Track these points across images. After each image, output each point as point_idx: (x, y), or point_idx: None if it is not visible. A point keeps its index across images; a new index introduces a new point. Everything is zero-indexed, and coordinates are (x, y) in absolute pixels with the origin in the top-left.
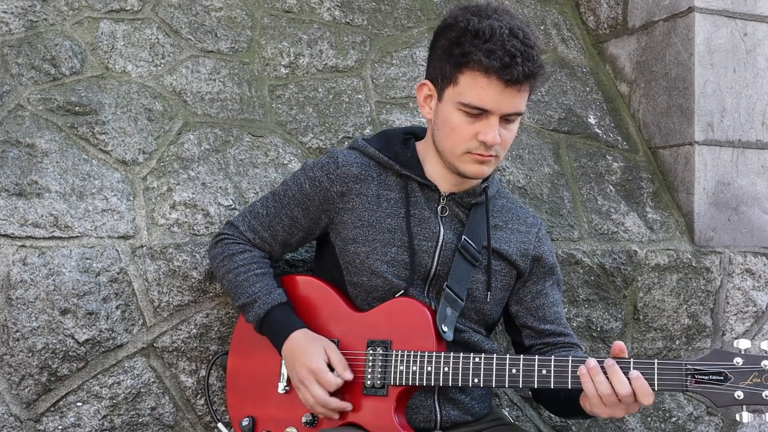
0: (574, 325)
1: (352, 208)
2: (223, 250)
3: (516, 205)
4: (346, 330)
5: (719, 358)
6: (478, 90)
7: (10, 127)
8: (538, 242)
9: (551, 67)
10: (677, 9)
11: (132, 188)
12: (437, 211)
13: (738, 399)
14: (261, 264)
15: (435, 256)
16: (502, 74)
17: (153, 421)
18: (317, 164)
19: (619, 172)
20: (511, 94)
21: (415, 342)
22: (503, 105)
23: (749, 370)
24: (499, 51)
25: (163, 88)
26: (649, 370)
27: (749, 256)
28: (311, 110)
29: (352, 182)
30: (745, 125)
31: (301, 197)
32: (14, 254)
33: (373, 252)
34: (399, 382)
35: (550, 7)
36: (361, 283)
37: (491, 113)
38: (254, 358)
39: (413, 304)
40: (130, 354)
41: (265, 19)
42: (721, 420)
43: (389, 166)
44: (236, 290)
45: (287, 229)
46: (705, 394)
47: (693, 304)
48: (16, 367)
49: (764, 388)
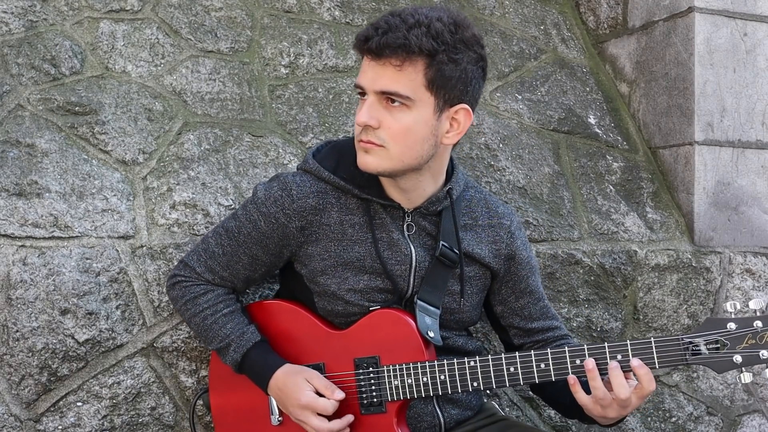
0: (573, 325)
1: (315, 240)
2: (184, 293)
3: (486, 194)
4: (329, 351)
5: (713, 326)
6: (361, 70)
7: (10, 127)
8: (511, 238)
9: (551, 66)
10: (677, 9)
11: (132, 188)
12: (404, 230)
13: (737, 363)
14: (227, 302)
15: (410, 279)
16: (363, 45)
17: (153, 421)
18: (269, 198)
19: (619, 172)
20: (379, 70)
21: (403, 354)
22: (372, 81)
23: (743, 333)
24: (370, 28)
25: (163, 88)
26: (648, 350)
27: (749, 256)
28: (311, 110)
29: (311, 215)
30: (745, 125)
31: (258, 235)
32: (14, 254)
33: (345, 282)
34: (396, 397)
35: (550, 7)
36: (336, 311)
37: (366, 92)
38: (237, 393)
39: (394, 315)
40: (130, 354)
41: (265, 19)
42: (721, 420)
43: (347, 191)
44: (206, 334)
45: (248, 267)
46: (705, 364)
47: (693, 304)
48: (16, 367)
49: (760, 348)
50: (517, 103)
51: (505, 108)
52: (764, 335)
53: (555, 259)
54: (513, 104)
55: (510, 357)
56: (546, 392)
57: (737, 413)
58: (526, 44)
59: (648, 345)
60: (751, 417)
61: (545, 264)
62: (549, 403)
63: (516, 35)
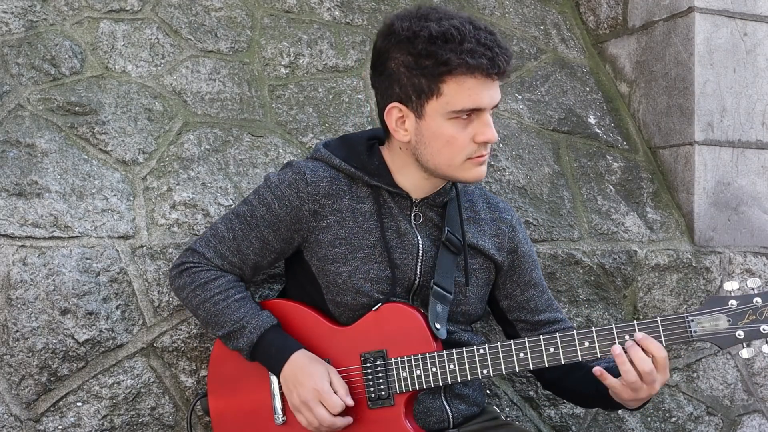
0: (574, 325)
1: (327, 227)
2: (193, 280)
3: (484, 191)
4: (336, 347)
5: (715, 304)
6: (468, 92)
7: (10, 127)
8: (512, 232)
9: (551, 66)
10: (677, 9)
11: (132, 188)
12: (411, 219)
13: (740, 338)
14: (238, 288)
15: (417, 268)
16: (490, 69)
17: (153, 421)
18: (284, 182)
19: (619, 172)
20: (495, 86)
21: (411, 346)
22: (493, 98)
23: (744, 309)
24: (479, 48)
25: (163, 88)
26: (654, 328)
27: (749, 256)
28: (311, 110)
29: (324, 199)
30: (745, 125)
31: (271, 218)
32: (14, 254)
33: (356, 271)
34: (405, 388)
35: (550, 7)
36: (345, 302)
37: (483, 111)
38: (238, 395)
39: (402, 308)
40: (130, 354)
41: (265, 19)
42: (721, 420)
43: (358, 177)
44: (217, 319)
45: (258, 252)
46: (709, 340)
47: (693, 304)
48: (16, 367)
49: (760, 323)
50: (517, 103)
51: (505, 108)
52: (764, 311)
53: (555, 259)
54: (513, 104)
55: (519, 342)
56: (564, 385)
57: (737, 413)
58: (526, 44)
59: (654, 324)
60: (751, 417)
61: (545, 264)
62: (567, 395)
63: (516, 35)
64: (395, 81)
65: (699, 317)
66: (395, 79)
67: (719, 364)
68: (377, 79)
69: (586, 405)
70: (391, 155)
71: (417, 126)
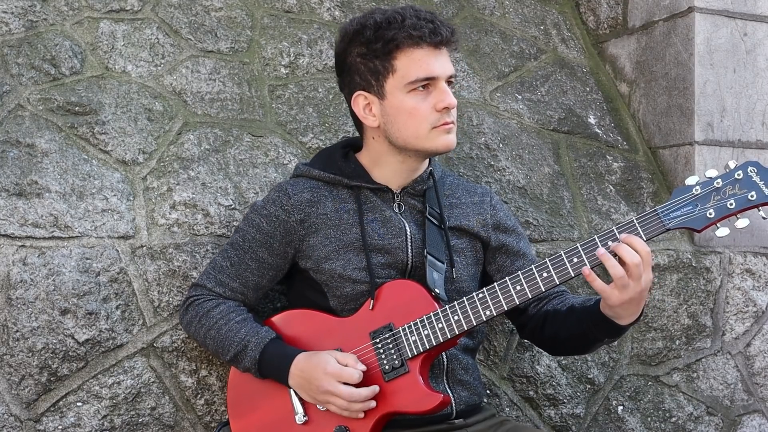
0: None
1: (316, 230)
2: (197, 311)
3: (463, 181)
4: (345, 335)
5: (681, 193)
6: (418, 63)
7: (10, 127)
8: (493, 210)
9: (551, 67)
10: (677, 9)
11: (132, 188)
12: (394, 209)
13: (711, 217)
14: (239, 311)
15: (408, 249)
16: (432, 38)
17: (153, 421)
18: (268, 201)
19: (619, 172)
20: (443, 57)
21: (415, 313)
22: (444, 68)
23: (708, 192)
24: (420, 21)
25: (163, 88)
26: (633, 228)
27: (749, 256)
28: (311, 110)
29: (308, 207)
30: (745, 125)
31: (262, 237)
32: (14, 254)
33: (349, 263)
34: (416, 351)
35: (550, 7)
36: (346, 294)
37: (438, 79)
38: (258, 410)
39: (399, 282)
40: (130, 354)
41: (265, 19)
42: (721, 420)
43: (337, 182)
44: (223, 343)
45: (256, 272)
46: (685, 225)
47: (693, 304)
48: (16, 367)
49: (726, 199)
50: (517, 103)
51: (505, 108)
52: (726, 189)
53: None
54: (513, 104)
55: (513, 277)
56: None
57: (737, 413)
58: (526, 44)
59: (632, 224)
60: (751, 417)
61: None
62: (557, 347)
63: (516, 35)
64: (355, 72)
65: (669, 207)
66: (354, 71)
67: (719, 364)
68: (341, 80)
69: (575, 350)
70: (368, 153)
71: (382, 107)
